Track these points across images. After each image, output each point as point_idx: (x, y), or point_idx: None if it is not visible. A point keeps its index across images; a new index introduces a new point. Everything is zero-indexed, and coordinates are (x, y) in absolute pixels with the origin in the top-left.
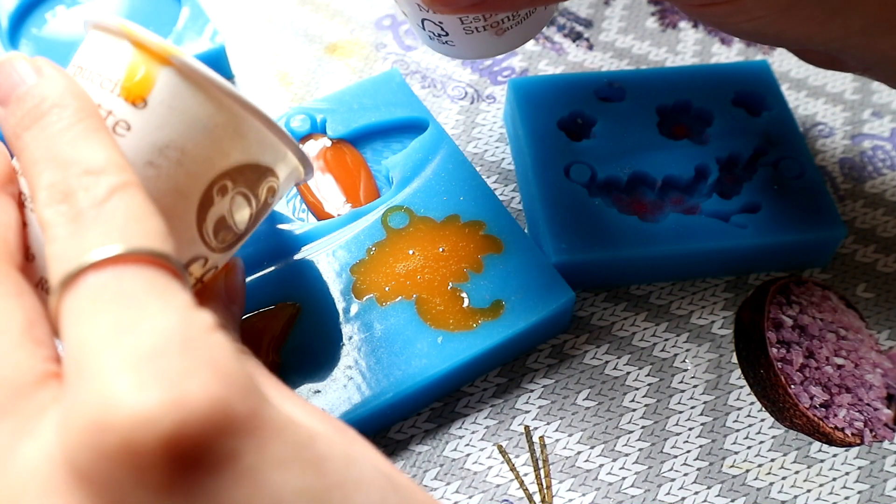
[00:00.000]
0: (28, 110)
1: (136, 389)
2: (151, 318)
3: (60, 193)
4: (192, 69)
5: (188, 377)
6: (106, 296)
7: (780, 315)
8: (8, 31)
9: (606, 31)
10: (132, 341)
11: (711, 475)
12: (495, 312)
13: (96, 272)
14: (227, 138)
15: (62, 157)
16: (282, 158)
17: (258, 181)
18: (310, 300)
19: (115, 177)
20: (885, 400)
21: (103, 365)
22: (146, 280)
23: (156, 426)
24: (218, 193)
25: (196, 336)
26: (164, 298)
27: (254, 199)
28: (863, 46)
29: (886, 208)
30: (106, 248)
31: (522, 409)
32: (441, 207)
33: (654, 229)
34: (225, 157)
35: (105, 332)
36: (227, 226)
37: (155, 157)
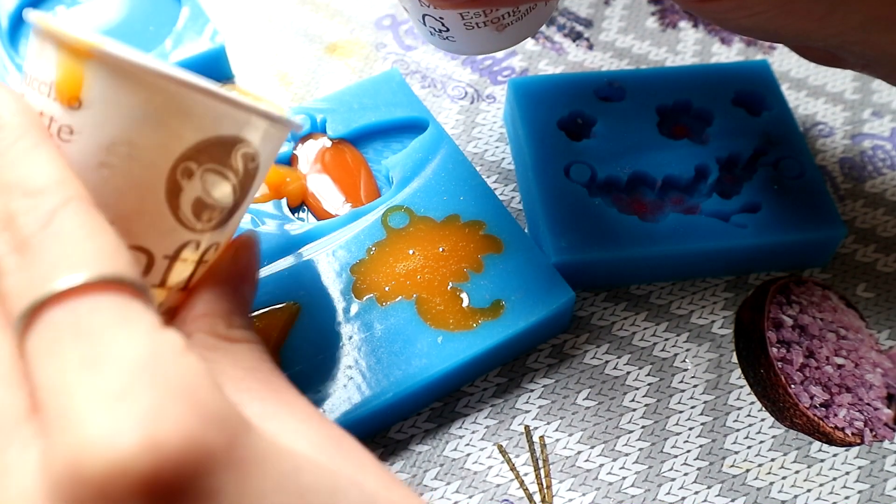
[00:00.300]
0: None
1: (108, 433)
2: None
3: (2, 220)
4: (115, 58)
5: (160, 414)
6: (66, 332)
7: (780, 315)
8: (8, 31)
9: (606, 30)
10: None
11: (711, 475)
12: (495, 312)
13: (55, 307)
14: (174, 121)
15: (2, 180)
16: (244, 125)
17: (226, 154)
18: (310, 300)
19: (55, 195)
20: (886, 399)
21: (74, 408)
22: (108, 308)
23: (130, 471)
24: (183, 177)
25: (165, 364)
26: (128, 326)
27: (229, 171)
28: (862, 42)
29: (886, 208)
30: (59, 281)
31: (522, 408)
32: (441, 207)
33: (654, 229)
34: (178, 139)
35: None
36: (207, 205)
37: (105, 156)
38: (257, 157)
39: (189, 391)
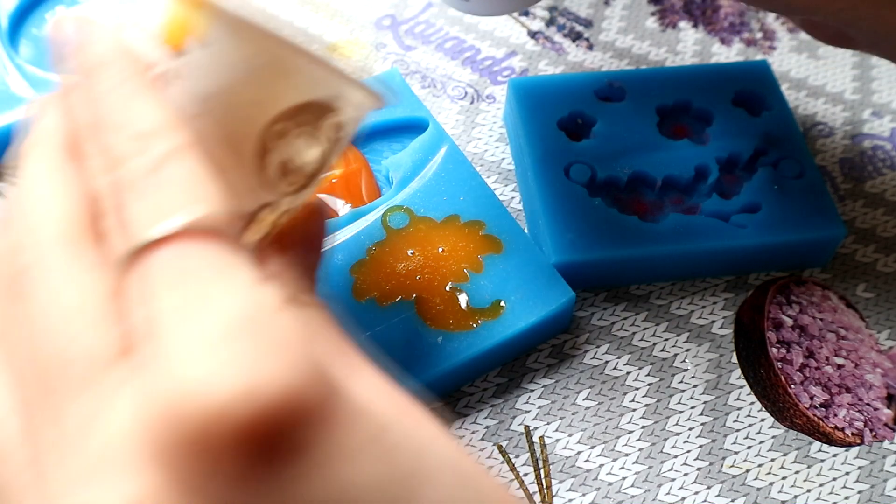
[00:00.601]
0: (78, 70)
1: (210, 378)
2: (218, 299)
3: (112, 160)
4: (228, 12)
5: (259, 364)
6: (171, 274)
7: (780, 315)
8: (8, 31)
9: (606, 31)
10: (203, 323)
11: (711, 475)
12: (495, 312)
13: (157, 250)
14: (275, 80)
15: (111, 120)
16: (340, 93)
17: (318, 119)
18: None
19: (165, 141)
20: (885, 400)
21: (176, 350)
22: (210, 256)
23: (229, 415)
24: (275, 137)
25: (264, 317)
26: (230, 276)
27: (317, 138)
28: (872, 18)
29: (886, 208)
30: (167, 224)
31: (522, 409)
32: (441, 207)
33: (654, 229)
34: (276, 99)
35: (174, 314)
36: (292, 169)
37: (204, 106)
38: (344, 127)
39: (288, 345)
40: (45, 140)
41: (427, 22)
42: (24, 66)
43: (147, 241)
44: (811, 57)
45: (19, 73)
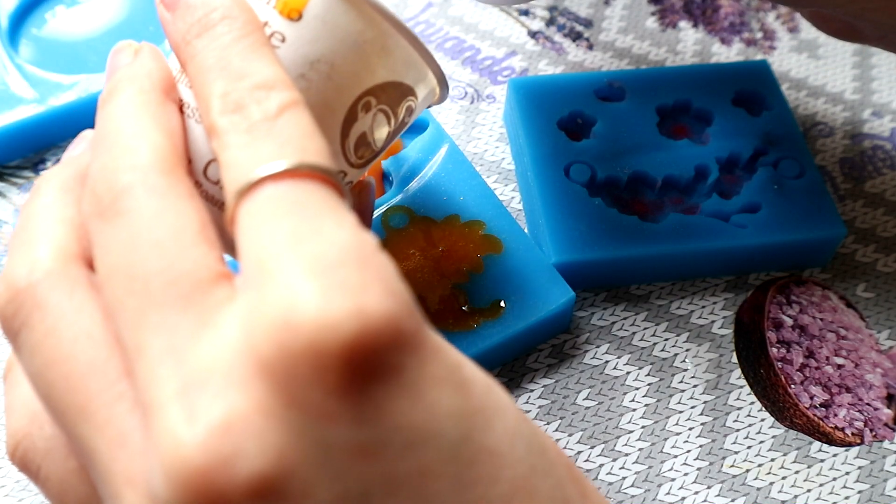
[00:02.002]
0: (198, 18)
1: (320, 296)
2: (328, 230)
3: (233, 103)
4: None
5: (366, 290)
6: (283, 206)
7: (780, 315)
8: (8, 31)
9: (606, 30)
10: (312, 250)
11: (711, 475)
12: (495, 312)
13: (273, 183)
14: (375, 55)
15: (233, 68)
16: (423, 78)
17: (399, 100)
18: None
19: (285, 93)
20: (885, 399)
21: (287, 269)
22: (320, 196)
23: (339, 332)
24: (362, 109)
25: (368, 253)
26: (337, 214)
27: (393, 117)
28: (881, 9)
29: (886, 208)
30: (282, 161)
31: (522, 408)
32: (441, 207)
33: (654, 229)
34: (371, 73)
35: (286, 239)
36: (366, 142)
37: (307, 70)
38: (414, 111)
39: (387, 279)
40: (142, 78)
41: (427, 22)
42: (24, 65)
43: (263, 175)
44: (811, 57)
45: (19, 73)
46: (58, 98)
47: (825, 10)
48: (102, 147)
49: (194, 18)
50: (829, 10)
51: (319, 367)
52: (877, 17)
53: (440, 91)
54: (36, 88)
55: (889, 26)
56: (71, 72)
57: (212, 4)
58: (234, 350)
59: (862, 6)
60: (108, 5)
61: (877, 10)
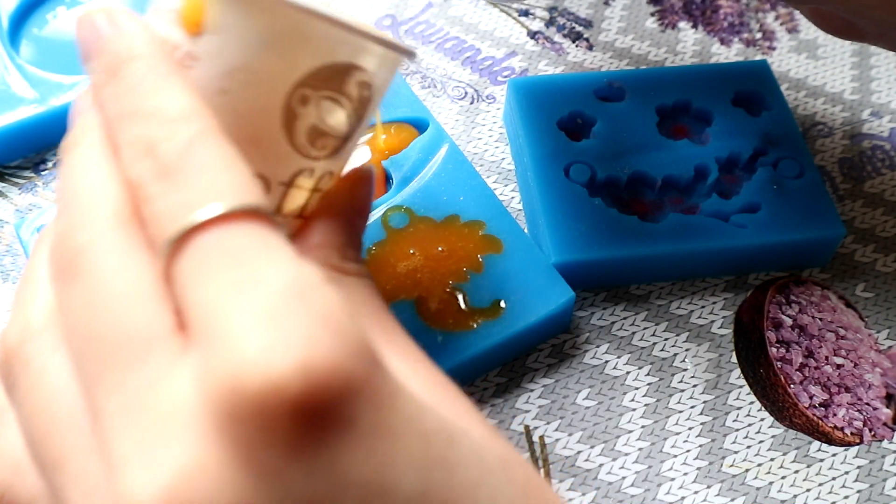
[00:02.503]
0: (105, 65)
1: (264, 353)
2: (267, 276)
3: (144, 148)
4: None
5: (311, 341)
6: (218, 257)
7: (779, 315)
8: (9, 31)
9: (606, 31)
10: (254, 301)
11: (711, 475)
12: (495, 312)
13: (203, 233)
14: (292, 47)
15: (140, 109)
16: (361, 51)
17: (342, 80)
18: None
19: (192, 124)
20: (885, 399)
21: (232, 327)
22: (251, 237)
23: (285, 390)
24: (299, 103)
25: (311, 294)
26: (272, 254)
27: (343, 98)
28: (881, 7)
29: (886, 208)
30: (208, 209)
31: (522, 408)
32: (441, 207)
33: (653, 229)
34: (295, 66)
35: (226, 294)
36: (322, 132)
37: (225, 83)
38: (371, 84)
39: (335, 321)
40: (87, 134)
41: (427, 22)
42: (24, 66)
43: (188, 226)
44: (810, 57)
45: (20, 73)
46: (58, 98)
47: (825, 8)
48: (62, 206)
49: (101, 67)
50: (828, 8)
51: (268, 427)
52: (877, 15)
53: (396, 49)
54: (37, 89)
55: (889, 24)
56: (72, 72)
57: (116, 48)
58: (188, 407)
59: (862, 4)
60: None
61: (877, 7)
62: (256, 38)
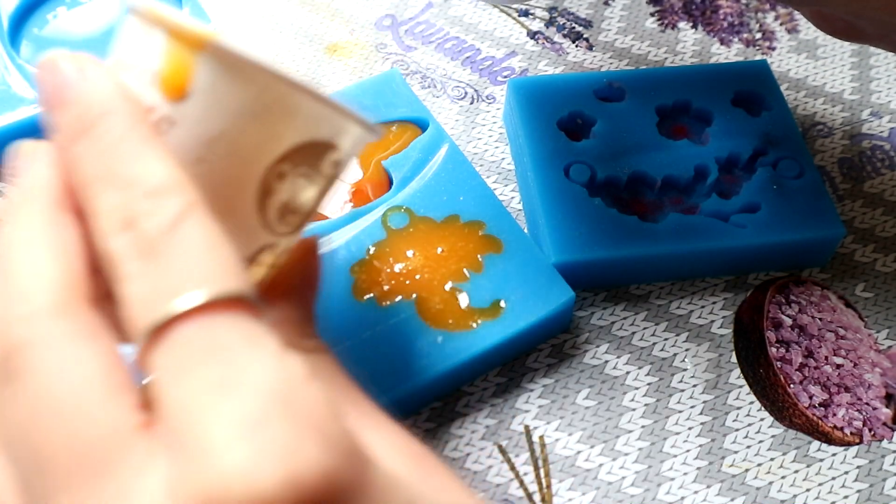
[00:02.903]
0: (75, 118)
1: (248, 466)
2: (250, 375)
3: (123, 219)
4: (230, 52)
5: (298, 447)
6: (199, 351)
7: (779, 314)
8: (9, 31)
9: (606, 31)
10: (236, 405)
11: (711, 474)
12: (495, 312)
13: (185, 323)
14: (278, 121)
15: (119, 175)
16: (341, 130)
17: (319, 158)
18: None
19: (179, 198)
20: (884, 399)
21: (211, 434)
22: (236, 329)
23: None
24: (276, 179)
25: (296, 393)
26: (257, 350)
27: (317, 176)
28: (883, 8)
29: (885, 208)
30: (191, 296)
31: (522, 408)
32: (441, 207)
33: (653, 229)
34: (278, 140)
35: (206, 395)
36: (291, 210)
37: (204, 152)
38: (342, 164)
39: (320, 423)
40: (37, 194)
41: (427, 22)
42: (24, 66)
43: (170, 315)
44: (810, 57)
45: (20, 74)
46: None
47: (826, 10)
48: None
49: (71, 119)
50: (830, 10)
51: None
52: (878, 16)
53: (368, 134)
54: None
55: (891, 26)
56: None
57: (89, 101)
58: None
59: (862, 6)
60: (109, 6)
61: (878, 8)
62: (243, 109)
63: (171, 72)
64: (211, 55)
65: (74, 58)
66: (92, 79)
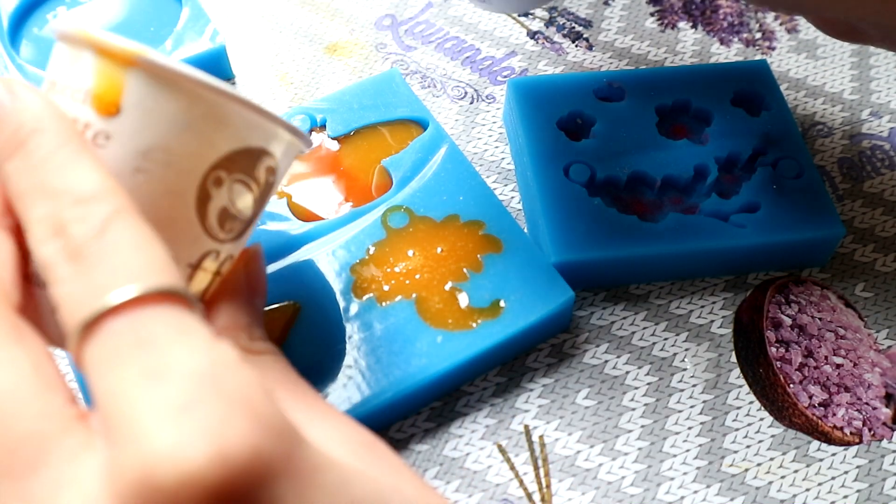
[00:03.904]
0: (7, 138)
1: (178, 445)
2: (179, 362)
3: (53, 227)
4: (159, 66)
5: (226, 426)
6: (129, 342)
7: (779, 314)
8: (9, 31)
9: (606, 31)
10: (166, 390)
11: (711, 474)
12: (495, 312)
13: (114, 318)
14: (211, 129)
15: (49, 186)
16: (272, 137)
17: (254, 165)
18: (310, 300)
19: (107, 204)
20: (884, 399)
21: (141, 419)
22: (166, 320)
23: (202, 482)
24: (214, 185)
25: (225, 376)
26: (187, 338)
27: (253, 183)
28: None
29: (885, 208)
30: (120, 291)
31: (522, 408)
32: (441, 207)
33: (653, 229)
34: (212, 148)
35: (137, 383)
36: (230, 215)
37: (141, 162)
38: (277, 171)
39: (250, 403)
40: None
41: (427, 22)
42: (24, 66)
43: (100, 310)
44: (810, 57)
45: (20, 74)
46: None
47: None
48: None
49: (4, 139)
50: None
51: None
52: (878, 20)
53: (300, 142)
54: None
55: (892, 27)
56: None
57: (21, 119)
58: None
59: (863, 12)
60: (109, 6)
61: (878, 13)
62: (176, 120)
63: (103, 89)
64: (139, 71)
65: (4, 81)
66: (22, 99)
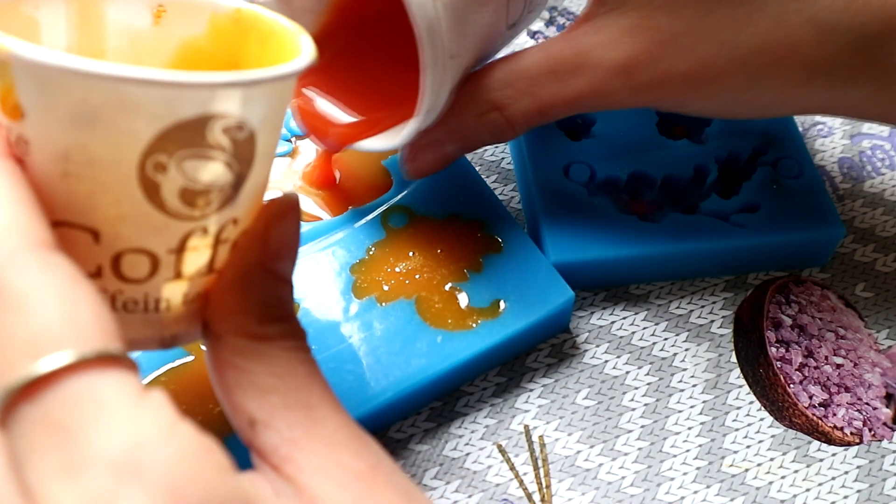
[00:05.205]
0: None
1: None
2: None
3: None
4: (34, 61)
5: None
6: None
7: (779, 314)
8: None
9: None
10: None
11: (711, 474)
12: (494, 312)
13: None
14: (121, 118)
15: None
16: (209, 101)
17: (200, 135)
18: (309, 299)
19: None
20: (884, 399)
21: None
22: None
23: None
24: (157, 171)
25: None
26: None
27: (210, 150)
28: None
29: (885, 208)
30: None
31: (522, 408)
32: (441, 207)
33: (653, 229)
34: (133, 136)
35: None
36: (198, 191)
37: (65, 165)
38: (246, 123)
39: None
40: None
41: None
42: None
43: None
44: None
45: None
46: None
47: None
48: None
49: None
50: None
51: None
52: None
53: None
54: None
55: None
56: None
57: None
58: None
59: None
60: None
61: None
62: (80, 115)
63: (2, 91)
64: (21, 68)
65: None
66: None
